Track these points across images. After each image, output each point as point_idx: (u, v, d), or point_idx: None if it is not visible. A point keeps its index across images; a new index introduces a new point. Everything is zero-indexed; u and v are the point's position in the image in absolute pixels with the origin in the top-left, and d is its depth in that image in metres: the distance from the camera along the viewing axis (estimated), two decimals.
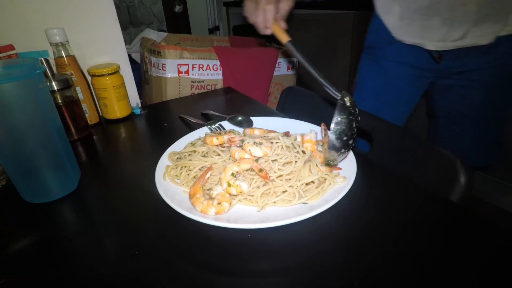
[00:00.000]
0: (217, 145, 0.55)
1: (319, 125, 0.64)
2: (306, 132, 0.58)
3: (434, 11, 0.73)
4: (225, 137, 0.54)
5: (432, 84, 0.89)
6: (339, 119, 0.47)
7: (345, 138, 0.47)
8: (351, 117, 0.47)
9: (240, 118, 0.70)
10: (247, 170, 0.48)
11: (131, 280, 0.37)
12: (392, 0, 0.79)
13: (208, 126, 0.69)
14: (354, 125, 0.48)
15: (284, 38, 0.60)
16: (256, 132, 0.59)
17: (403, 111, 0.93)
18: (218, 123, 0.70)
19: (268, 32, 0.65)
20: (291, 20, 0.69)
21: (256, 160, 0.48)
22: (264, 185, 0.46)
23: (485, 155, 0.91)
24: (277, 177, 0.47)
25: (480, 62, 0.77)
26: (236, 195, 0.46)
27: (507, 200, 1.49)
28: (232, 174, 0.46)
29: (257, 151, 0.49)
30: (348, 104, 0.48)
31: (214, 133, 0.59)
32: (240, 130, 0.64)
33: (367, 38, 0.92)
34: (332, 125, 0.47)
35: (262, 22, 0.64)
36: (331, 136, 0.47)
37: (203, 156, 0.54)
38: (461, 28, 0.72)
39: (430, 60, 0.80)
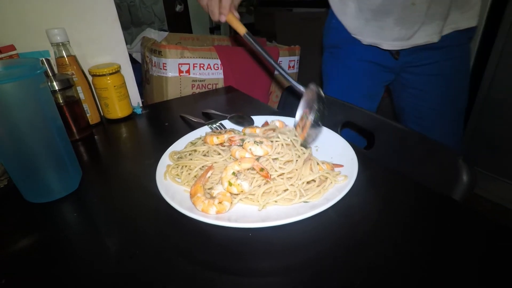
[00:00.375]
0: (217, 144, 0.55)
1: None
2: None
3: (387, 12, 0.76)
4: (225, 136, 0.54)
5: (395, 81, 0.93)
6: (316, 107, 0.52)
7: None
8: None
9: (241, 117, 0.70)
10: (248, 169, 0.48)
11: (131, 279, 0.37)
12: (347, 0, 0.82)
13: (209, 125, 0.69)
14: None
15: (241, 29, 0.61)
16: (257, 131, 0.58)
17: (370, 107, 0.96)
18: (219, 122, 0.70)
19: (223, 19, 0.65)
20: (291, 18, 0.69)
21: (257, 159, 0.48)
22: (265, 184, 0.46)
23: (452, 144, 0.96)
24: (278, 176, 0.47)
25: (433, 57, 0.82)
26: (237, 194, 0.46)
27: (508, 198, 1.48)
28: (233, 173, 0.46)
29: (258, 150, 0.48)
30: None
31: (215, 132, 0.59)
32: (241, 129, 0.64)
33: (327, 38, 0.95)
34: (312, 115, 0.51)
35: (217, 8, 0.64)
36: (312, 123, 0.52)
37: (204, 155, 0.54)
38: (412, 27, 0.76)
39: (388, 57, 0.85)
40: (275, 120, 0.63)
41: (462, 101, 0.89)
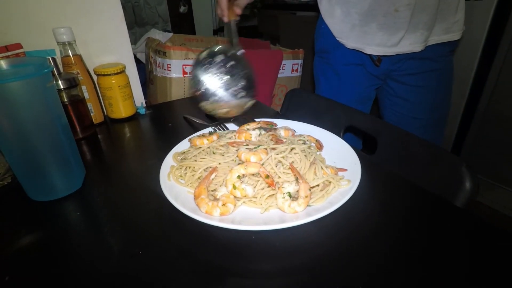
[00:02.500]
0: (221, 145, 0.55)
1: (323, 127, 0.64)
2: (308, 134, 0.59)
3: (371, 17, 0.78)
4: (204, 141, 0.56)
5: (380, 87, 0.95)
6: (192, 73, 0.51)
7: (205, 89, 0.51)
8: (206, 66, 0.51)
9: (245, 119, 0.70)
10: (253, 174, 0.48)
11: (133, 279, 0.37)
12: (334, 4, 0.84)
13: (213, 127, 0.69)
14: (216, 74, 0.51)
15: (231, 17, 0.67)
16: (253, 137, 0.58)
17: (362, 111, 0.96)
18: (223, 123, 0.70)
19: (226, 20, 0.69)
20: (295, 21, 0.70)
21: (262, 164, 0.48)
22: (268, 186, 0.46)
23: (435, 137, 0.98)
24: (282, 183, 0.47)
25: (417, 67, 0.84)
26: (240, 198, 0.46)
27: (509, 205, 1.48)
28: (238, 176, 0.46)
29: (252, 159, 0.48)
30: (202, 57, 0.52)
31: (204, 135, 0.60)
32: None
33: (317, 43, 0.97)
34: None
35: (220, 12, 0.70)
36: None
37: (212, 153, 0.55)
38: (396, 34, 0.77)
39: (371, 63, 0.86)
40: (280, 128, 0.62)
41: (444, 110, 0.92)
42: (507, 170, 1.46)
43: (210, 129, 0.68)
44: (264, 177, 0.46)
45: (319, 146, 0.58)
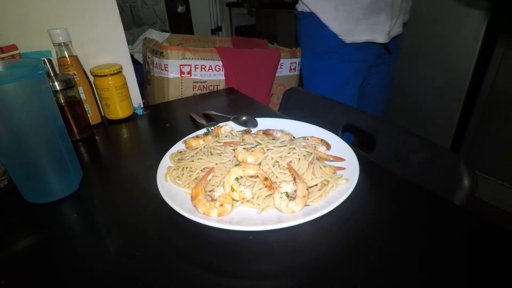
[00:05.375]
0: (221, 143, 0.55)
1: (322, 126, 0.64)
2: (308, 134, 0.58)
3: (378, 9, 0.88)
4: (200, 141, 0.57)
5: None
6: None
7: None
8: None
9: (244, 118, 0.70)
10: (251, 176, 0.47)
11: (131, 281, 0.36)
12: (334, 6, 0.89)
13: (207, 128, 0.68)
14: None
15: None
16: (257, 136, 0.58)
17: (355, 102, 1.11)
18: (224, 123, 0.69)
19: None
20: (293, 20, 0.71)
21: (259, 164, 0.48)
22: (266, 186, 0.46)
23: (385, 111, 1.20)
24: (280, 182, 0.47)
25: (395, 44, 1.01)
26: (238, 200, 0.45)
27: (508, 201, 1.48)
28: (236, 178, 0.46)
29: (249, 158, 0.48)
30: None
31: (199, 136, 0.60)
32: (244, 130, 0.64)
33: (316, 45, 1.02)
34: None
35: None
36: None
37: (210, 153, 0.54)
38: (392, 21, 0.91)
39: (382, 51, 0.98)
40: (278, 131, 0.62)
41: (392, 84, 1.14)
42: (506, 166, 1.46)
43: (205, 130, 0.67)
44: (263, 180, 0.46)
45: (327, 146, 0.58)
